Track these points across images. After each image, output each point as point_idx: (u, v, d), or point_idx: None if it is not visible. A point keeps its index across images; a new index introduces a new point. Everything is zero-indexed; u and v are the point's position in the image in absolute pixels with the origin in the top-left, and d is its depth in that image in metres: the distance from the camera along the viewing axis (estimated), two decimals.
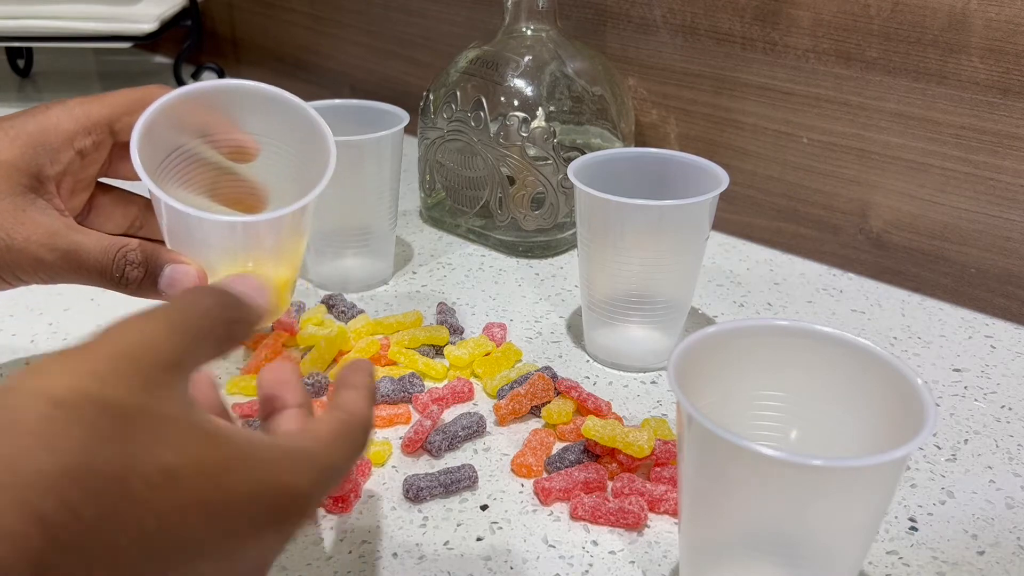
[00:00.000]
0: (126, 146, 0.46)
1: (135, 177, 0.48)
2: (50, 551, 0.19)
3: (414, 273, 0.66)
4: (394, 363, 0.53)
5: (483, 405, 0.50)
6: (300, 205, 0.42)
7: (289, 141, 0.46)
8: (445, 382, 0.52)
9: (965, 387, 0.53)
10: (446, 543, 0.40)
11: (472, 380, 0.52)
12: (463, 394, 0.50)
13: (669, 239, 0.50)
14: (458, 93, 0.67)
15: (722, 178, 0.50)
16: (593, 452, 0.45)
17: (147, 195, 0.47)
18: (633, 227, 0.49)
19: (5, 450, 0.20)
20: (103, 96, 0.44)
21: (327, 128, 0.45)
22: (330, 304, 0.60)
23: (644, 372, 0.54)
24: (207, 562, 0.23)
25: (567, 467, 0.45)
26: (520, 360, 0.54)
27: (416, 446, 0.46)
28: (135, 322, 0.25)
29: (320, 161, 0.44)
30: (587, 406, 0.48)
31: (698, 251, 0.52)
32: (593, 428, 0.44)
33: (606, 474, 0.44)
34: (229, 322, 0.28)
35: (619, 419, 0.48)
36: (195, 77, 1.13)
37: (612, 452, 0.45)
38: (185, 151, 0.45)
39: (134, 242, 0.42)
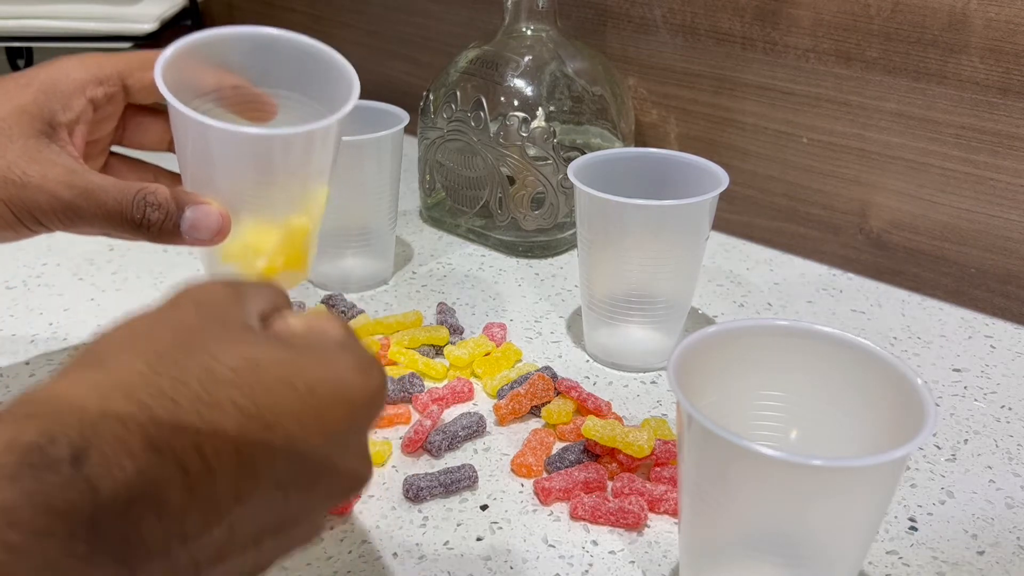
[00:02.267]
0: (139, 110, 0.46)
1: (148, 146, 0.47)
2: (155, 430, 0.23)
3: (414, 273, 0.66)
4: (394, 363, 0.53)
5: (483, 405, 0.50)
6: (329, 122, 0.40)
7: (303, 90, 0.44)
8: (445, 382, 0.52)
9: (965, 387, 0.53)
10: (446, 543, 0.40)
11: (472, 380, 0.52)
12: (463, 394, 0.50)
13: (669, 239, 0.50)
14: (458, 93, 0.67)
15: (722, 178, 0.50)
16: (593, 452, 0.45)
17: (157, 168, 0.46)
18: (633, 227, 0.49)
19: (102, 358, 0.25)
20: (117, 53, 0.44)
21: (345, 61, 0.43)
22: (330, 304, 0.60)
23: (644, 372, 0.54)
24: (309, 437, 0.26)
25: (567, 467, 0.45)
26: (520, 360, 0.54)
27: (416, 446, 0.46)
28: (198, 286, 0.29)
29: (339, 99, 0.42)
30: (587, 406, 0.48)
31: (698, 251, 0.52)
32: (593, 428, 0.44)
33: (606, 474, 0.44)
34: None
35: (619, 419, 0.48)
36: None
37: (612, 452, 0.45)
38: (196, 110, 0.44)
39: (153, 184, 0.41)
